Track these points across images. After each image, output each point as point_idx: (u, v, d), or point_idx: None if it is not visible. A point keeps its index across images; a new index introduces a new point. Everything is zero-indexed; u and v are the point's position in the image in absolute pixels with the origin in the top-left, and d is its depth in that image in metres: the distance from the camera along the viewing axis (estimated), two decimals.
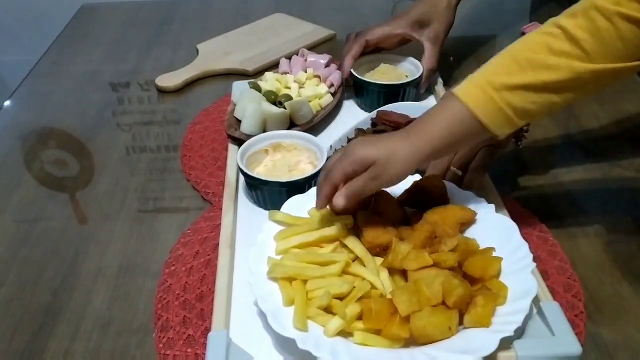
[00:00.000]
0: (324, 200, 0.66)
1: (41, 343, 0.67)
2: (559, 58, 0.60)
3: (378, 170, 0.63)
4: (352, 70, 1.00)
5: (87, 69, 1.22)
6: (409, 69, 1.03)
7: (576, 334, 0.60)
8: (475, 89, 0.62)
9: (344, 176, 0.64)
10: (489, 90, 0.61)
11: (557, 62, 0.60)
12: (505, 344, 0.57)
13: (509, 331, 0.57)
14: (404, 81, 0.99)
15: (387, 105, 0.91)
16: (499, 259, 0.64)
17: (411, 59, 1.04)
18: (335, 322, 0.59)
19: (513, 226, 0.68)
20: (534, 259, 0.64)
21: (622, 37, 0.58)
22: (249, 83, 0.99)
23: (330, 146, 0.86)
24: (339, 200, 0.64)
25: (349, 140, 0.86)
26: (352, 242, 0.67)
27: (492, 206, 0.72)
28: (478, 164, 0.77)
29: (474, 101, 0.62)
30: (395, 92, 0.98)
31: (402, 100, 0.97)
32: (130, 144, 0.99)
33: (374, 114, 0.90)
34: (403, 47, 1.07)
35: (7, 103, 1.13)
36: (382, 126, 0.87)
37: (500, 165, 0.85)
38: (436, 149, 0.64)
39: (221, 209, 0.79)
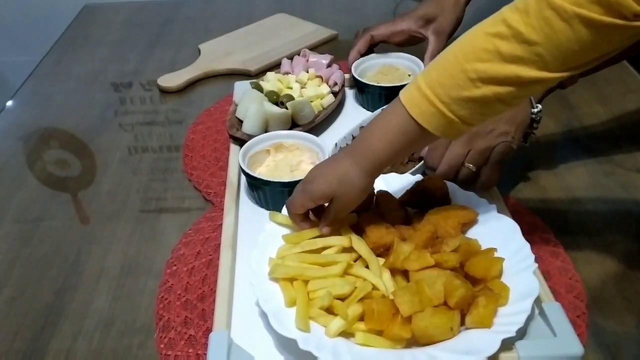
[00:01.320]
0: (303, 224, 0.69)
1: (43, 343, 0.67)
2: (511, 66, 0.55)
3: (339, 200, 0.66)
4: (353, 73, 1.01)
5: (90, 69, 1.22)
6: (411, 68, 1.04)
7: (578, 334, 0.60)
8: (423, 101, 0.59)
9: (304, 209, 0.68)
10: (437, 103, 0.58)
11: (509, 73, 0.55)
12: (507, 344, 0.57)
13: (511, 332, 0.57)
14: (405, 82, 0.99)
15: None
16: (501, 259, 0.64)
17: (413, 57, 1.04)
18: (337, 323, 0.59)
19: (515, 227, 0.68)
20: (536, 260, 0.64)
21: (580, 40, 0.52)
22: (251, 83, 0.99)
23: (336, 144, 0.86)
24: (325, 230, 0.67)
25: (353, 138, 0.86)
26: (356, 242, 0.67)
27: (494, 206, 0.72)
28: (496, 160, 0.77)
29: (421, 114, 0.59)
30: (396, 93, 0.98)
31: None
32: (132, 144, 1.00)
33: (377, 112, 0.90)
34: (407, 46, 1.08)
35: (9, 103, 1.13)
36: None
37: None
38: (383, 162, 0.64)
39: (223, 209, 0.79)
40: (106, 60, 1.26)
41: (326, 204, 0.68)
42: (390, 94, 0.97)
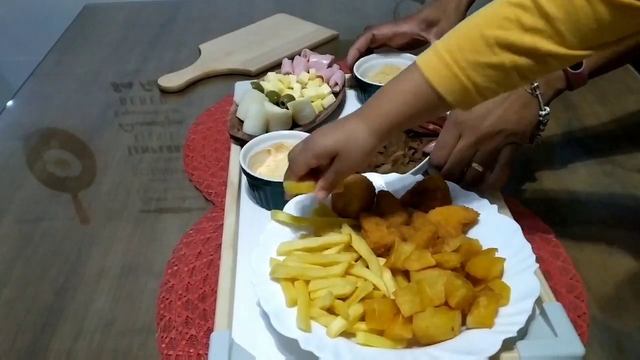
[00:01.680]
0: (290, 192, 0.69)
1: (44, 343, 0.67)
2: (530, 36, 0.55)
3: (342, 159, 0.64)
4: (355, 72, 1.01)
5: (90, 70, 1.22)
6: None
7: (579, 334, 0.60)
8: (439, 64, 0.59)
9: (307, 168, 0.66)
10: (454, 67, 0.59)
11: (527, 43, 0.56)
12: (508, 344, 0.57)
13: (512, 332, 0.57)
14: None
15: None
16: (502, 259, 0.64)
17: (415, 57, 1.03)
18: (338, 323, 0.59)
19: (516, 227, 0.68)
20: (537, 260, 0.64)
21: (598, 19, 0.53)
22: (251, 83, 0.99)
23: None
24: (320, 195, 0.67)
25: None
26: (357, 242, 0.67)
27: (495, 207, 0.72)
28: (506, 161, 0.76)
29: (437, 77, 0.60)
30: None
31: None
32: (132, 144, 1.00)
33: None
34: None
35: (10, 103, 1.13)
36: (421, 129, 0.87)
37: None
38: (393, 125, 0.63)
39: (224, 209, 0.79)
40: (106, 60, 1.26)
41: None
42: None
